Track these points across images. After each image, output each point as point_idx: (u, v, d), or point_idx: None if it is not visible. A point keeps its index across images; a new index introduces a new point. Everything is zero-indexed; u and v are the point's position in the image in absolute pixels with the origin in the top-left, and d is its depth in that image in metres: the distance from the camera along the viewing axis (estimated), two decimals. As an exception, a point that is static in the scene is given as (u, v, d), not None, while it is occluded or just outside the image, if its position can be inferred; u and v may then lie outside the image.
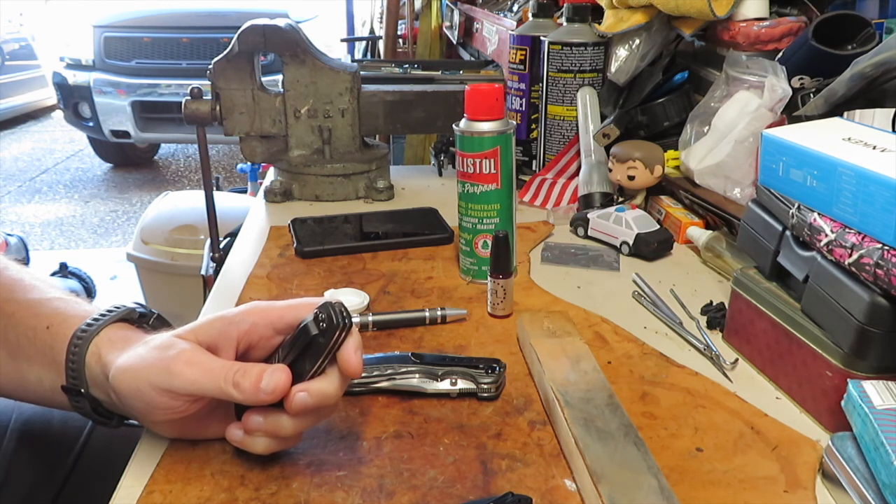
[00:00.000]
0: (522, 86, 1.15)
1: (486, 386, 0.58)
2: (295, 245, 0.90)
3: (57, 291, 0.58)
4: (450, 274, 0.84)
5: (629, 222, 0.88)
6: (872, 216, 0.49)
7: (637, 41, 1.01)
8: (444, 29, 2.71)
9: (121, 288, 3.01)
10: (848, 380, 0.50)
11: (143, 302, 2.59)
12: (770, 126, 0.80)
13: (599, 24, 1.04)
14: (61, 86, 4.49)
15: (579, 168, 1.05)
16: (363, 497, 0.48)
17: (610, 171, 0.97)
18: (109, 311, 0.54)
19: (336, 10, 4.78)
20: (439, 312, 0.71)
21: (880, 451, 0.44)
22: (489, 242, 0.75)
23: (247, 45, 1.05)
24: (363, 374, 0.57)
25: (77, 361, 0.50)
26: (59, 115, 5.65)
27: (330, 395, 0.46)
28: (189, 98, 1.08)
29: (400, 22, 3.14)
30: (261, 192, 1.13)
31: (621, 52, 1.02)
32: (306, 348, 0.46)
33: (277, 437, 0.49)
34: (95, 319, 0.52)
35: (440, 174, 1.25)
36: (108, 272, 3.13)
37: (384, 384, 0.58)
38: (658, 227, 0.89)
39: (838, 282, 0.52)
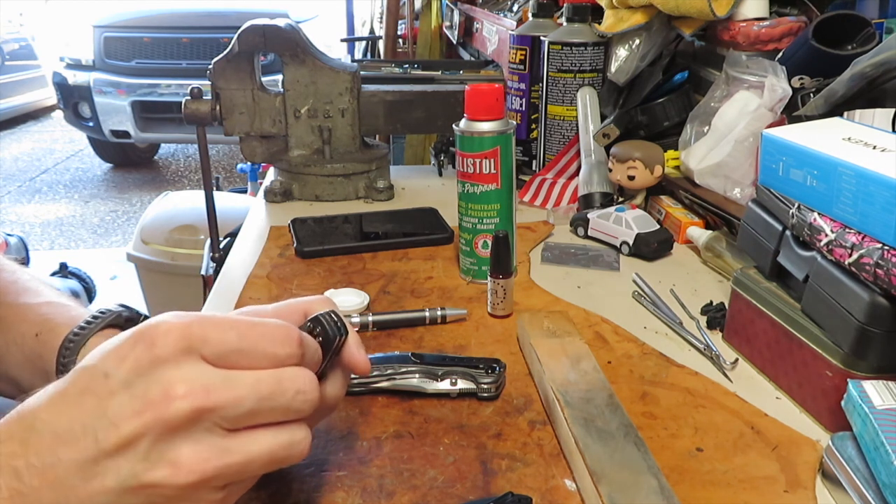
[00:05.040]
0: (522, 86, 1.15)
1: (486, 386, 0.58)
2: (295, 245, 0.90)
3: (48, 294, 0.58)
4: (450, 274, 0.84)
5: (629, 222, 0.88)
6: (872, 216, 0.49)
7: (637, 41, 1.01)
8: (444, 29, 2.71)
9: (121, 288, 3.01)
10: (848, 380, 0.50)
11: (142, 302, 2.57)
12: (770, 126, 0.80)
13: (599, 24, 1.04)
14: (61, 86, 4.49)
15: (579, 168, 1.05)
16: (363, 497, 0.48)
17: (610, 171, 0.97)
18: (95, 317, 0.53)
19: (336, 10, 4.78)
20: (439, 312, 0.71)
21: (880, 451, 0.44)
22: (489, 242, 0.75)
23: (247, 45, 1.05)
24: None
25: (67, 373, 0.50)
26: (59, 115, 5.65)
27: (332, 398, 0.46)
28: (189, 98, 1.08)
29: (400, 22, 3.14)
30: (261, 192, 1.13)
31: (621, 52, 1.02)
32: None
33: None
34: (82, 328, 0.52)
35: (440, 174, 1.25)
36: (108, 272, 3.13)
37: (384, 384, 0.58)
38: (658, 227, 0.89)
39: (838, 282, 0.52)
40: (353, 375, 0.50)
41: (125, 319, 0.54)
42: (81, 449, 0.34)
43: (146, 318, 0.54)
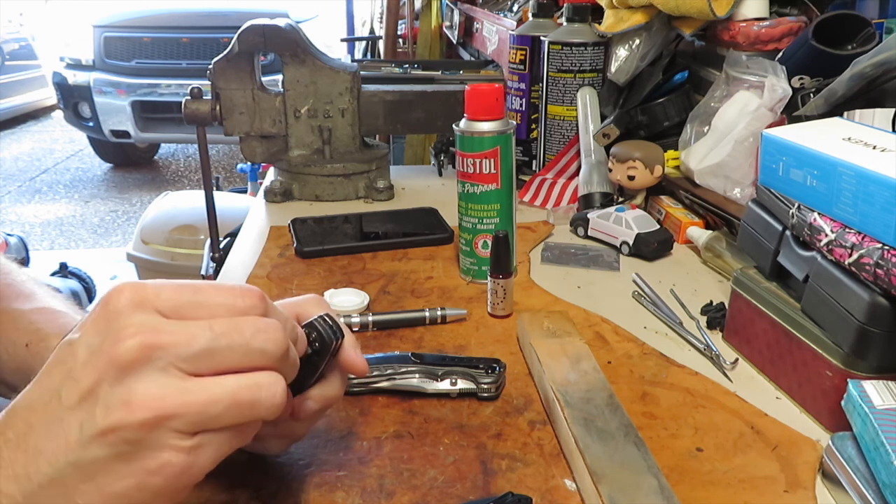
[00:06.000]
0: (522, 86, 1.15)
1: (486, 386, 0.58)
2: (295, 245, 0.90)
3: (42, 297, 0.58)
4: (450, 274, 0.84)
5: (629, 222, 0.88)
6: (872, 216, 0.49)
7: (637, 41, 1.01)
8: (444, 29, 2.71)
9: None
10: (848, 380, 0.50)
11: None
12: (770, 126, 0.80)
13: (599, 24, 1.04)
14: (61, 86, 4.50)
15: (579, 168, 1.05)
16: (363, 497, 0.48)
17: (610, 171, 0.97)
18: None
19: (336, 10, 4.78)
20: (439, 312, 0.71)
21: (880, 450, 0.44)
22: (489, 242, 0.75)
23: (247, 45, 1.05)
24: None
25: None
26: (59, 115, 5.65)
27: (333, 397, 0.47)
28: (189, 98, 1.08)
29: (400, 22, 3.14)
30: (261, 192, 1.13)
31: (621, 52, 1.02)
32: (303, 364, 0.45)
33: (290, 437, 0.49)
34: None
35: (440, 174, 1.25)
36: (108, 272, 3.12)
37: (384, 384, 0.58)
38: (658, 227, 0.89)
39: (838, 282, 0.52)
40: (350, 375, 0.50)
41: None
42: (48, 411, 0.35)
43: None
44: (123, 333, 0.34)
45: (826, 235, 0.53)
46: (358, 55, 4.03)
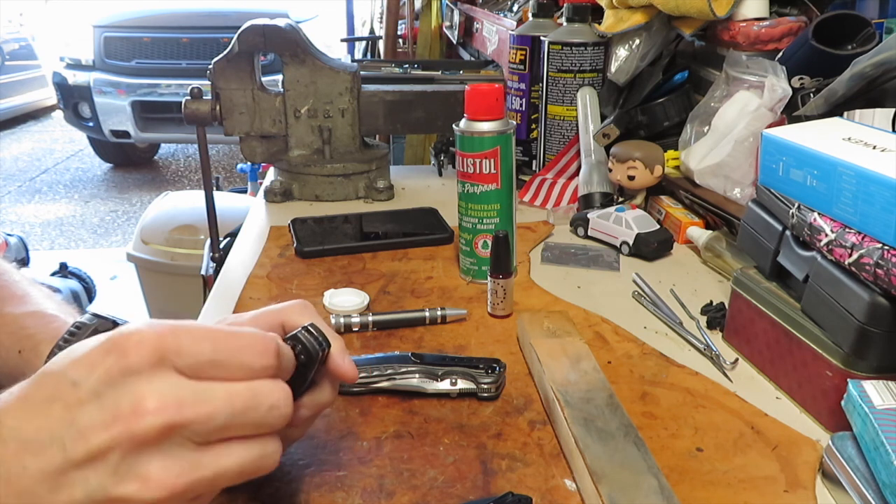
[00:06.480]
0: (522, 86, 1.15)
1: (486, 386, 0.58)
2: (295, 245, 0.90)
3: (35, 299, 0.57)
4: (450, 274, 0.84)
5: (629, 222, 0.88)
6: (872, 216, 0.49)
7: (637, 41, 1.01)
8: (444, 29, 2.71)
9: (121, 288, 3.01)
10: (848, 380, 0.50)
11: (142, 302, 2.54)
12: (770, 126, 0.80)
13: (599, 24, 1.04)
14: (61, 86, 4.50)
15: (579, 168, 1.05)
16: (363, 497, 0.48)
17: (610, 171, 0.97)
18: (73, 333, 0.52)
19: (336, 10, 4.78)
20: (439, 312, 0.71)
21: (880, 450, 0.44)
22: (489, 242, 0.75)
23: (247, 45, 1.05)
24: (363, 374, 0.57)
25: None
26: (59, 115, 5.65)
27: (325, 402, 0.47)
28: (189, 98, 1.08)
29: (400, 22, 3.14)
30: (261, 192, 1.13)
31: (621, 52, 1.02)
32: (292, 377, 0.45)
33: (284, 441, 0.49)
34: (60, 347, 0.51)
35: (440, 174, 1.25)
36: (108, 272, 3.13)
37: (384, 384, 0.58)
38: (658, 227, 0.89)
39: (838, 282, 0.52)
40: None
41: (102, 331, 0.53)
42: (48, 458, 0.34)
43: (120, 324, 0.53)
44: (145, 405, 0.34)
45: (826, 235, 0.53)
46: (358, 55, 4.03)
